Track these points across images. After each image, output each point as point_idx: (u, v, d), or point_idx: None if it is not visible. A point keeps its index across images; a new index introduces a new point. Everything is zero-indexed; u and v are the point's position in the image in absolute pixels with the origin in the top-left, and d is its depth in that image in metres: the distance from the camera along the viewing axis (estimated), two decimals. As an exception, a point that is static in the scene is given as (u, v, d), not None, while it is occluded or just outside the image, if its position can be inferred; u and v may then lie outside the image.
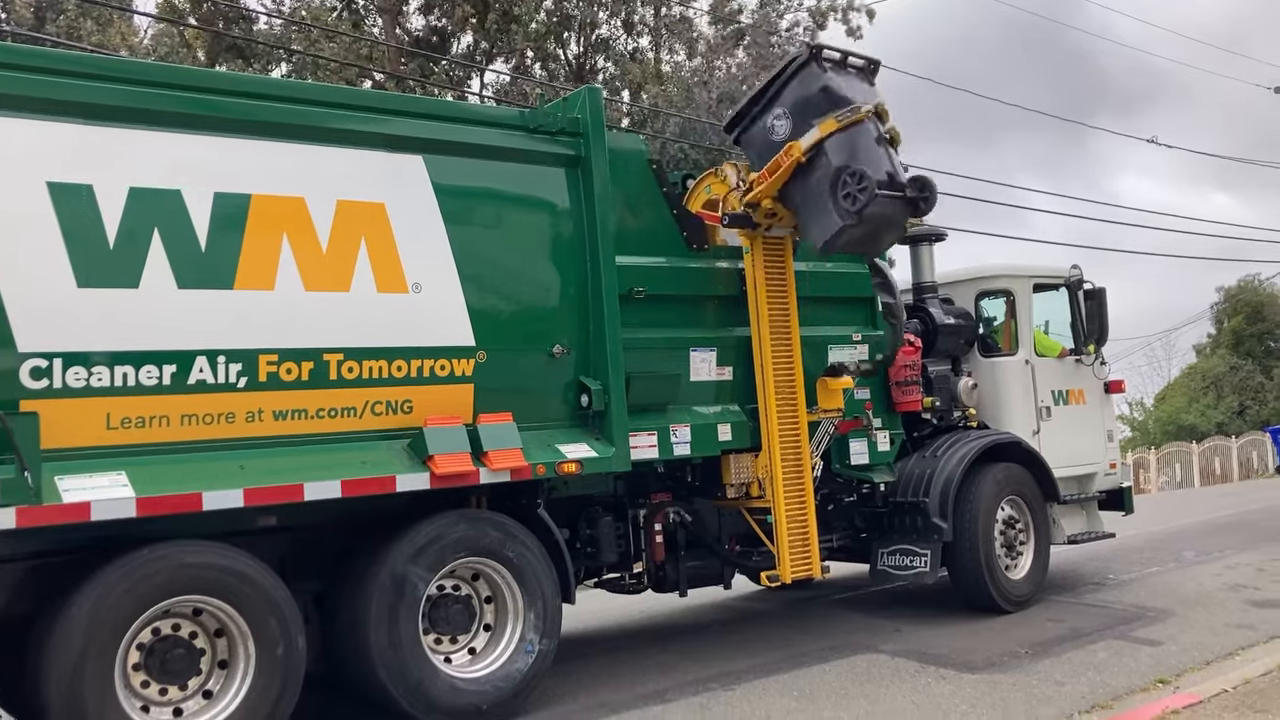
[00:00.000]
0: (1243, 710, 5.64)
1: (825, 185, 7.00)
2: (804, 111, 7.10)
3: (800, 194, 7.21)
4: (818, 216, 7.13)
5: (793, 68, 7.29)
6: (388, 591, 6.05)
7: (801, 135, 7.06)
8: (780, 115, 7.17)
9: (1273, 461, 29.70)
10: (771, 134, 7.17)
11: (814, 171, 7.07)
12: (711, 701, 6.62)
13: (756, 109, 7.36)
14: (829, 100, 7.07)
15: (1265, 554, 11.38)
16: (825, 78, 7.14)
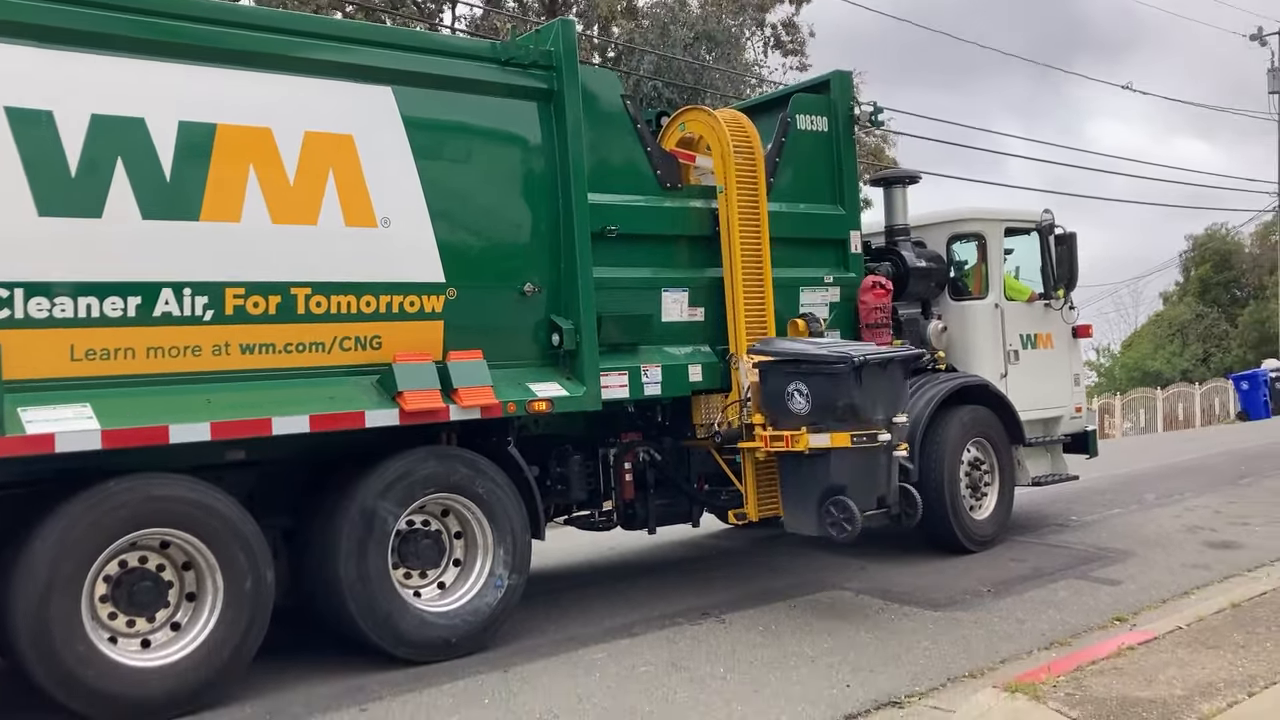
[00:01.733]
0: (1195, 646, 5.77)
1: (815, 490, 6.96)
2: (824, 407, 6.85)
3: (793, 470, 7.18)
4: (799, 507, 7.15)
5: (829, 365, 6.92)
6: (357, 526, 6.06)
7: (816, 427, 6.88)
8: (802, 390, 6.90)
9: (1234, 408, 30.17)
10: (789, 399, 6.93)
11: (811, 464, 6.99)
12: (678, 635, 6.71)
13: (786, 368, 7.07)
14: (851, 413, 6.83)
15: (1223, 497, 11.59)
16: (853, 391, 6.79)
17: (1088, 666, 5.52)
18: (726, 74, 21.75)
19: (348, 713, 5.49)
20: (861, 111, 9.02)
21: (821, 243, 8.64)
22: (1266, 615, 6.31)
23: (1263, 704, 4.84)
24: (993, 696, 5.09)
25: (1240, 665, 5.40)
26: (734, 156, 7.73)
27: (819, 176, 8.63)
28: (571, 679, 5.91)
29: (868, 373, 6.75)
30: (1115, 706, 4.88)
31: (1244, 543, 9.12)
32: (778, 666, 6.02)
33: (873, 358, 6.82)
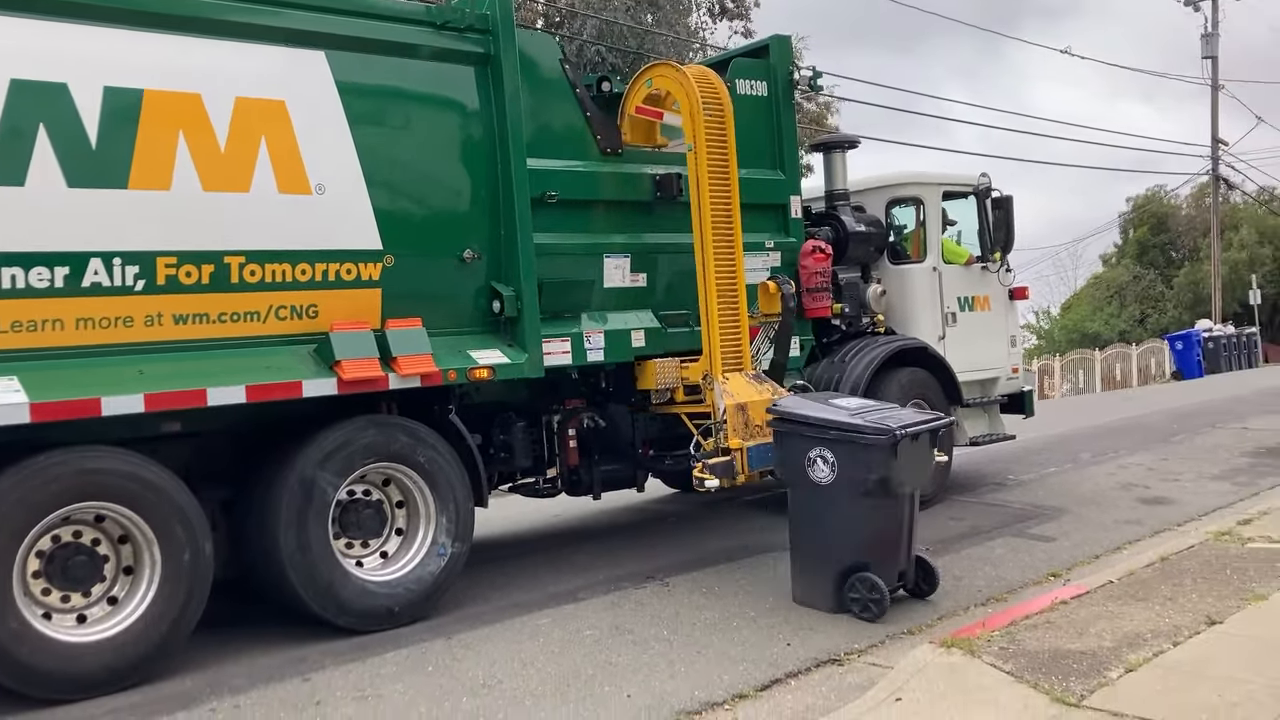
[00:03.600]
0: (1125, 599, 5.93)
1: (836, 565, 6.27)
2: (852, 480, 6.14)
3: (809, 538, 6.47)
4: (814, 580, 6.40)
5: (864, 436, 6.20)
6: (296, 496, 6.02)
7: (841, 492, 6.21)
8: (827, 458, 6.21)
9: (1170, 368, 30.86)
10: (810, 466, 6.27)
11: (835, 535, 6.33)
12: (622, 599, 6.76)
13: (808, 434, 6.35)
14: (882, 488, 6.15)
15: (1156, 454, 11.88)
16: (889, 465, 6.10)
17: (1022, 621, 5.66)
18: (669, 39, 21.64)
19: (290, 683, 5.47)
20: (801, 76, 8.98)
21: (762, 208, 8.58)
22: (1193, 568, 6.49)
23: (1186, 653, 4.99)
24: (930, 652, 5.19)
25: (1167, 617, 5.56)
26: (703, 113, 7.53)
27: (759, 141, 8.58)
28: (515, 644, 5.94)
29: (904, 445, 6.10)
30: (1047, 659, 5.00)
31: (1175, 498, 9.36)
32: (720, 628, 6.09)
33: (913, 430, 6.22)
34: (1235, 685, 4.50)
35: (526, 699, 5.11)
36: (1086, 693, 4.55)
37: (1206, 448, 12.25)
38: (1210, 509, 8.81)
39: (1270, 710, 4.21)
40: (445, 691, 5.25)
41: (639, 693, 5.14)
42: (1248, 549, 6.91)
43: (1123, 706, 4.38)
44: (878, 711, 4.59)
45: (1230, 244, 43.05)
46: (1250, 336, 32.41)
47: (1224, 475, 10.40)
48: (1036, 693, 4.61)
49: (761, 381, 7.67)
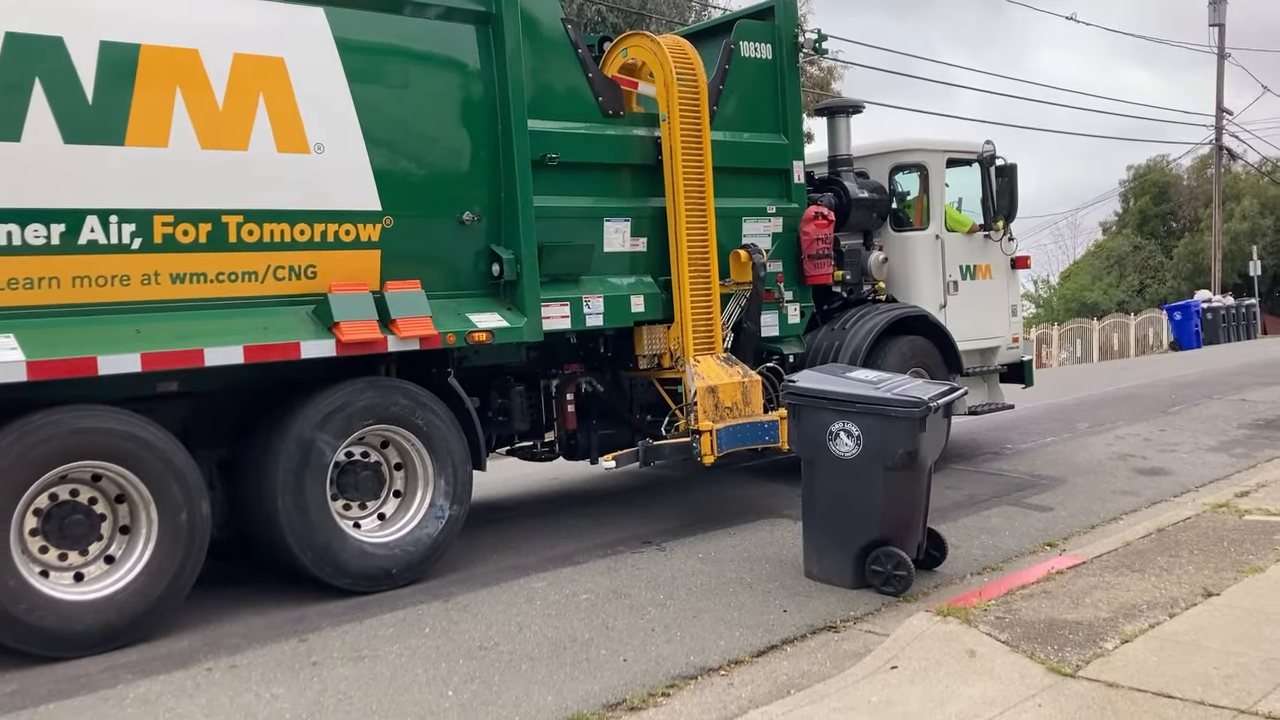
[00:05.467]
0: (1121, 570, 5.93)
1: (858, 538, 6.10)
2: (879, 452, 5.98)
3: (828, 512, 6.25)
4: (832, 554, 6.23)
5: (892, 408, 6.01)
6: (294, 458, 6.01)
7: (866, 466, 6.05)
8: (852, 432, 6.03)
9: (1167, 338, 30.85)
10: (832, 440, 6.07)
11: (855, 507, 6.18)
12: (619, 564, 6.78)
13: (831, 408, 6.11)
14: (909, 461, 6.03)
15: (1153, 425, 11.88)
16: (918, 438, 5.98)
17: (1018, 591, 5.66)
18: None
19: (287, 644, 5.48)
20: (806, 39, 8.90)
21: (765, 172, 8.58)
22: (1190, 540, 6.50)
23: (1182, 625, 4.99)
24: (925, 620, 5.19)
25: (1163, 588, 5.56)
26: (677, 84, 7.60)
27: (763, 105, 8.53)
28: (512, 607, 5.95)
29: (932, 418, 6.01)
30: (1043, 629, 5.01)
31: (1172, 469, 9.37)
32: (717, 593, 6.10)
33: (941, 402, 6.11)
34: (1231, 658, 4.50)
35: (523, 662, 5.13)
36: (1082, 663, 4.56)
37: (1204, 419, 12.24)
38: (1207, 480, 8.81)
39: (1264, 682, 4.21)
40: (442, 653, 5.27)
41: (635, 656, 5.15)
42: (1245, 521, 6.91)
43: (1118, 677, 4.38)
44: (873, 679, 4.60)
45: (1231, 215, 42.92)
46: (1249, 308, 32.37)
47: (1221, 447, 10.41)
48: (1032, 662, 4.61)
49: (732, 364, 7.74)
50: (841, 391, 6.16)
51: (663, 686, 4.78)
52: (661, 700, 4.65)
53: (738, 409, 7.56)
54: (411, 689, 4.85)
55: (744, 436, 7.52)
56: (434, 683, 4.90)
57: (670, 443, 7.49)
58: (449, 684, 4.89)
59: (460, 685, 4.87)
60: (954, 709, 4.20)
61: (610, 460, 7.33)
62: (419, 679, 4.96)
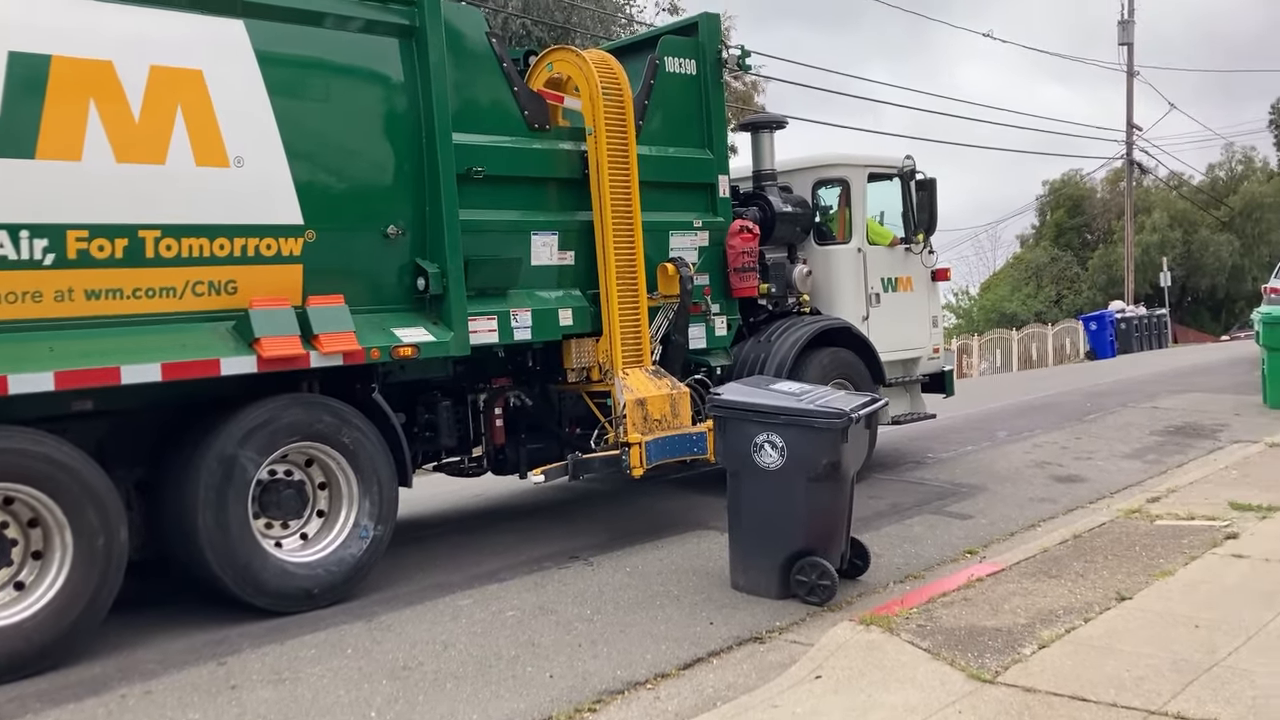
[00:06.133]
0: (1039, 576, 6.07)
1: (783, 549, 6.16)
2: (802, 463, 6.04)
3: (753, 526, 6.28)
4: (757, 564, 6.26)
5: (816, 420, 6.09)
6: (216, 474, 5.91)
7: (790, 477, 6.10)
8: (776, 443, 6.08)
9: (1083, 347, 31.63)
10: (756, 452, 6.14)
11: (779, 521, 6.22)
12: (545, 580, 6.76)
13: (756, 420, 6.17)
14: (832, 472, 6.12)
15: (1069, 433, 12.17)
16: (840, 448, 6.04)
17: (939, 598, 5.76)
18: (596, 13, 21.48)
19: (205, 667, 5.38)
20: (730, 55, 8.98)
21: (690, 187, 8.65)
22: (1105, 545, 6.67)
23: (1097, 629, 5.13)
24: (849, 630, 5.26)
25: (1079, 593, 5.71)
26: (603, 99, 7.64)
27: (687, 120, 8.61)
28: (437, 626, 5.90)
29: (853, 428, 6.10)
30: (963, 636, 5.11)
31: (1087, 476, 9.61)
32: (644, 606, 6.12)
33: (862, 413, 6.21)
34: (1142, 660, 4.64)
35: (448, 681, 5.09)
36: (1001, 669, 4.66)
37: (1118, 426, 12.57)
38: (1121, 487, 9.05)
39: (1173, 683, 4.34)
40: (365, 674, 5.20)
41: (561, 672, 5.15)
42: (1156, 526, 7.12)
43: (1036, 682, 4.49)
44: (798, 689, 4.65)
45: (1143, 227, 44.23)
46: (1160, 318, 33.31)
47: (1135, 454, 10.70)
48: (953, 669, 4.70)
49: (660, 376, 7.81)
50: (765, 403, 6.22)
51: (589, 702, 4.78)
52: (588, 716, 4.66)
53: (667, 421, 7.60)
54: (333, 711, 4.78)
55: (673, 448, 7.57)
56: (356, 704, 4.84)
57: (600, 456, 7.51)
58: (371, 705, 4.83)
59: (383, 706, 4.82)
60: (876, 717, 4.27)
61: (539, 475, 7.31)
62: (341, 701, 4.90)
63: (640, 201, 7.83)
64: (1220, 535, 6.67)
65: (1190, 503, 7.73)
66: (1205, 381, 16.93)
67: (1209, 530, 6.83)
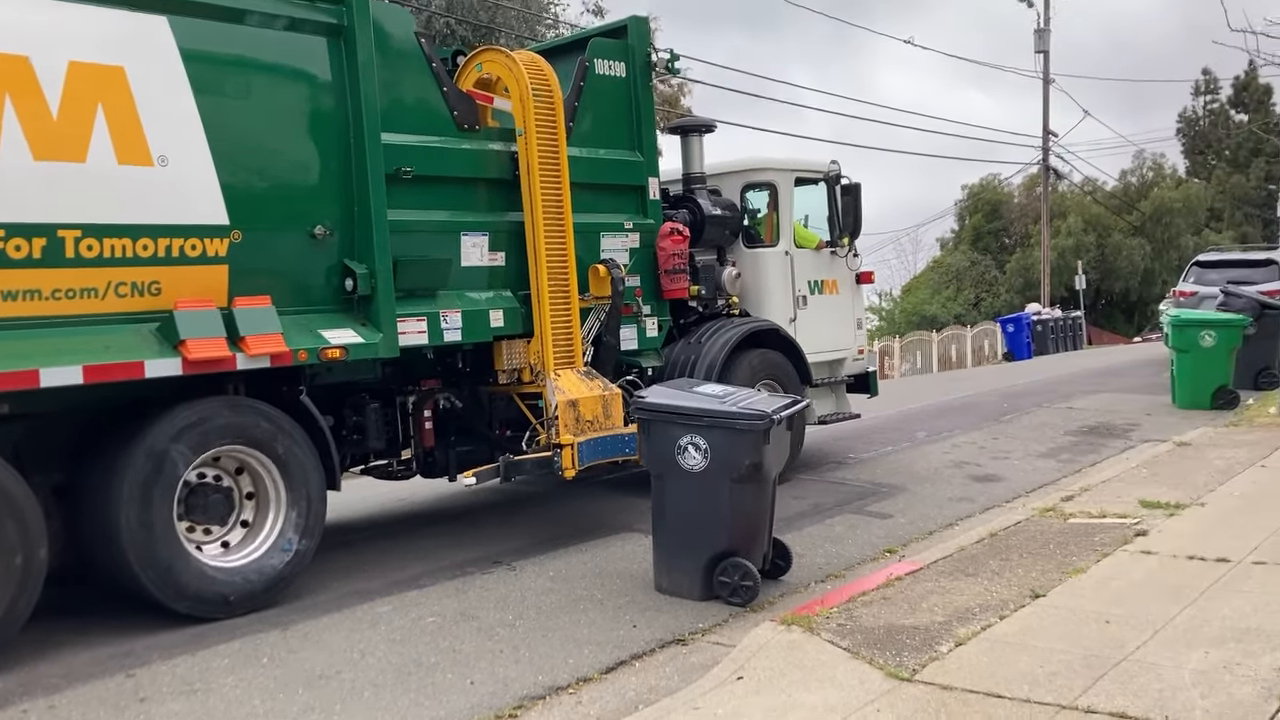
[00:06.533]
0: (956, 575, 6.18)
1: (706, 550, 6.20)
2: (726, 465, 6.08)
3: (677, 526, 6.33)
4: (681, 566, 6.29)
5: (738, 421, 6.12)
6: (143, 470, 5.82)
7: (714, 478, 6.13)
8: (699, 445, 6.10)
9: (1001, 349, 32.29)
10: (680, 454, 6.14)
11: (704, 522, 6.25)
12: (467, 585, 6.71)
13: (680, 422, 6.19)
14: (755, 473, 6.15)
15: (987, 433, 12.42)
16: (762, 450, 6.09)
17: (859, 598, 5.83)
18: (521, 13, 21.38)
19: (113, 680, 5.25)
20: (659, 58, 9.08)
21: (621, 189, 8.70)
22: (1019, 543, 6.81)
23: (1011, 626, 5.23)
24: (771, 630, 5.30)
25: (994, 591, 5.81)
26: (533, 100, 7.64)
27: (617, 122, 8.65)
28: (355, 633, 5.84)
29: (775, 430, 6.16)
30: (882, 634, 5.17)
31: (1003, 476, 9.81)
32: (567, 611, 6.10)
33: (784, 414, 6.27)
34: (1055, 656, 4.74)
35: (366, 689, 5.02)
36: (918, 667, 4.72)
37: (1034, 426, 12.84)
38: (1036, 486, 9.26)
39: (1084, 679, 4.44)
40: (280, 684, 5.12)
41: (482, 679, 5.11)
42: (1069, 524, 7.28)
43: (952, 679, 4.56)
44: (719, 691, 4.66)
45: (1058, 231, 45.30)
46: (1075, 320, 34.14)
47: (1049, 453, 10.95)
48: (871, 668, 4.76)
49: (592, 377, 7.85)
50: (689, 406, 6.24)
51: (510, 708, 4.76)
52: (510, 721, 4.62)
53: (599, 422, 7.62)
54: (249, 721, 4.68)
55: (605, 449, 7.59)
56: (271, 715, 4.77)
57: (532, 457, 7.51)
58: (287, 715, 4.76)
59: (299, 716, 4.75)
60: (796, 717, 4.31)
61: (470, 477, 7.28)
62: (255, 711, 4.81)
63: (571, 203, 7.84)
64: (1130, 532, 6.85)
65: (1102, 501, 7.93)
66: (1118, 382, 17.37)
67: (1120, 528, 7.01)
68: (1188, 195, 50.04)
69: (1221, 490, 8.06)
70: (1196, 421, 12.03)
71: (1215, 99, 55.12)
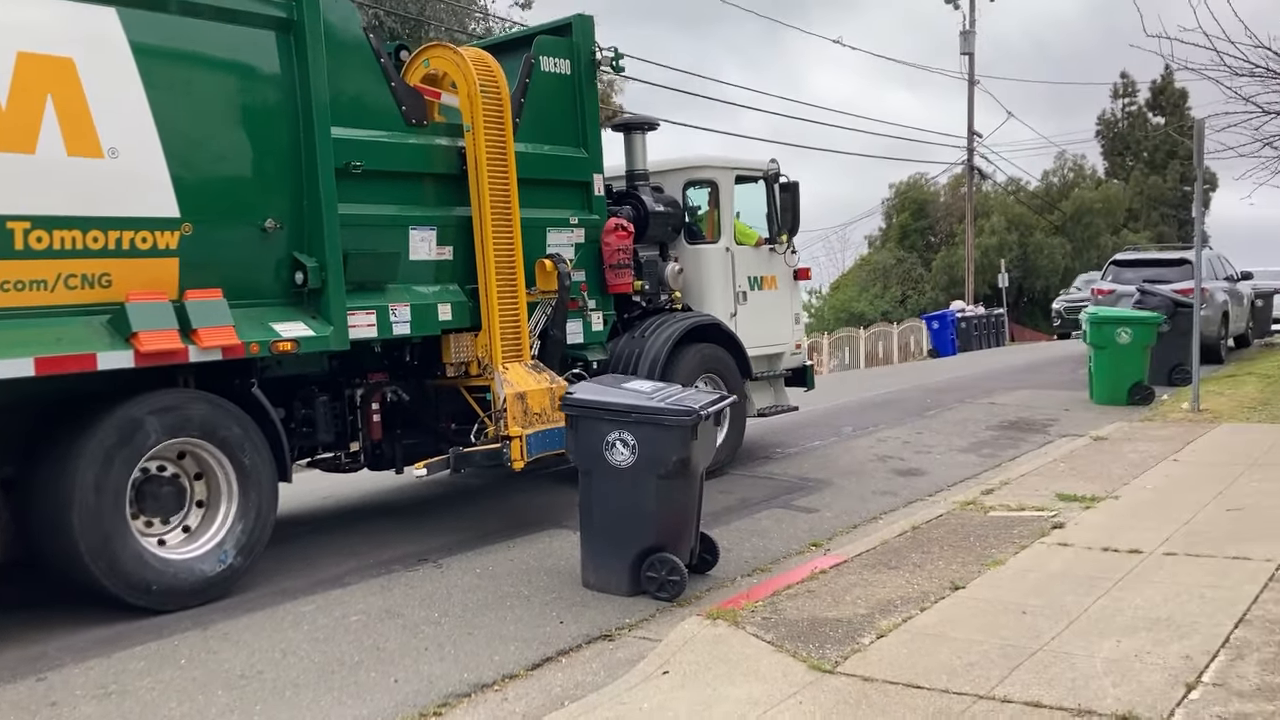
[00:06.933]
0: (879, 568, 6.26)
1: (634, 546, 6.18)
2: (654, 460, 6.06)
3: (605, 525, 6.28)
4: (608, 563, 6.27)
5: (666, 417, 6.08)
6: (110, 436, 5.85)
7: (641, 474, 6.12)
8: (628, 441, 6.09)
9: (926, 346, 32.78)
10: (609, 450, 6.12)
11: (631, 519, 6.24)
12: (393, 582, 6.63)
13: (608, 418, 6.17)
14: (682, 468, 6.14)
15: (911, 428, 12.59)
16: (689, 446, 6.08)
17: (784, 591, 5.88)
18: (451, 6, 21.19)
19: (23, 684, 5.08)
20: (603, 56, 9.15)
21: (566, 184, 8.80)
22: (941, 536, 6.92)
23: (932, 617, 5.31)
24: (697, 624, 5.31)
25: (916, 583, 5.90)
26: (481, 96, 7.71)
27: (563, 119, 8.74)
28: (278, 633, 5.73)
29: (703, 426, 6.18)
30: (806, 627, 5.22)
31: (927, 469, 9.96)
32: (493, 608, 6.06)
33: (711, 410, 6.28)
34: (973, 647, 4.82)
35: (287, 689, 4.93)
36: (841, 659, 4.78)
37: (956, 421, 13.06)
38: (958, 480, 9.41)
39: (1001, 668, 4.53)
40: (199, 685, 5.00)
41: (406, 677, 5.05)
42: (989, 517, 7.43)
43: (873, 671, 4.61)
44: (645, 685, 4.67)
45: (982, 230, 46.15)
46: (999, 317, 34.78)
47: (971, 448, 11.14)
48: (795, 660, 4.80)
49: (540, 370, 7.90)
50: (618, 402, 6.24)
51: (434, 706, 4.71)
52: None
53: (546, 415, 7.66)
54: (165, 724, 4.58)
55: (553, 441, 7.62)
56: (188, 717, 4.66)
57: (481, 449, 7.54)
58: (205, 717, 4.65)
59: (218, 717, 4.64)
60: (720, 711, 4.32)
61: (421, 469, 7.34)
62: (172, 714, 4.70)
63: (518, 198, 7.91)
64: (1048, 525, 7.00)
65: (1021, 494, 8.09)
66: (1038, 378, 17.74)
67: (1037, 520, 7.16)
68: (1107, 196, 51.31)
69: (1135, 484, 8.27)
70: (1113, 417, 12.34)
71: (1133, 102, 56.52)
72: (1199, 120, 12.69)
